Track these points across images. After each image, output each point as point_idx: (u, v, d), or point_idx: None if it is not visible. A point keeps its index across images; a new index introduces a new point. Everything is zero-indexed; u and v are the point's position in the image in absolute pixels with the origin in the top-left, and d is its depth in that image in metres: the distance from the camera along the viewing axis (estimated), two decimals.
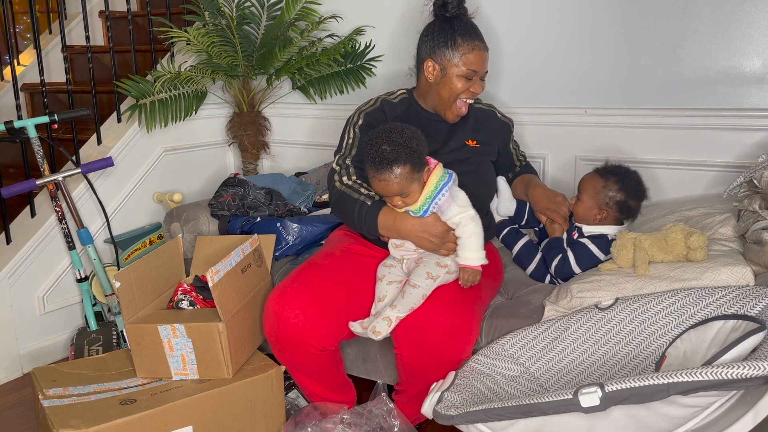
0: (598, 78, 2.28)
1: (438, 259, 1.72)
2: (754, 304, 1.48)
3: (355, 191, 1.77)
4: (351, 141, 1.87)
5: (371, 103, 1.93)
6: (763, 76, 2.04)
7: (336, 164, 1.85)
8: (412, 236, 1.70)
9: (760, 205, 1.73)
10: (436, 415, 1.43)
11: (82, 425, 1.52)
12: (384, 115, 1.89)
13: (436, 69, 1.84)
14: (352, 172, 1.82)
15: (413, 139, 1.65)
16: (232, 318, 1.75)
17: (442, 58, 1.82)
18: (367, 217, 1.73)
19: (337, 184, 1.81)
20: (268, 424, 1.84)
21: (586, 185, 1.86)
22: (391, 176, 1.62)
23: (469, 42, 1.80)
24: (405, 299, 1.66)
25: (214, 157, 3.04)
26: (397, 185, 1.64)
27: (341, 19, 2.72)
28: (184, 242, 2.30)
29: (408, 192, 1.66)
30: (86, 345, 2.28)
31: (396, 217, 1.71)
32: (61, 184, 2.25)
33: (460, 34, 1.81)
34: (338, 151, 1.89)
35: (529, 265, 1.93)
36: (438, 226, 1.69)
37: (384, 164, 1.62)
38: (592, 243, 1.81)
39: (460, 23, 1.83)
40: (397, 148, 1.62)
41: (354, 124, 1.89)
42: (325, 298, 1.72)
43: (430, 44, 1.84)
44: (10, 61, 2.60)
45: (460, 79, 1.82)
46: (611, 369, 1.60)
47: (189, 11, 2.69)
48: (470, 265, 1.69)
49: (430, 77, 1.85)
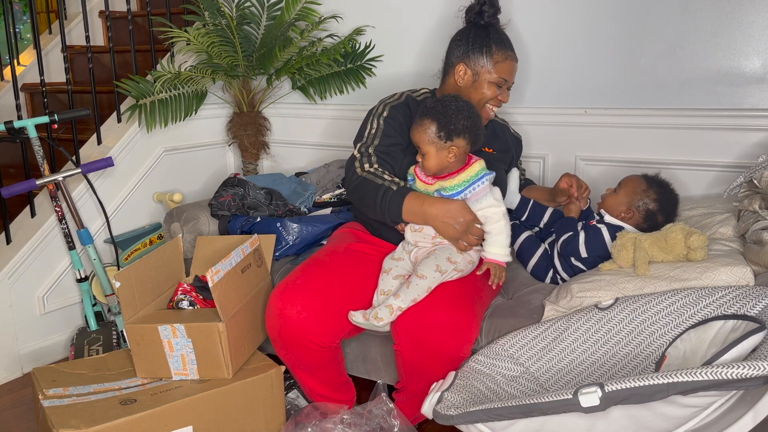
0: (598, 78, 2.28)
1: (450, 254, 1.72)
2: (754, 304, 1.48)
3: (378, 177, 1.78)
4: (374, 131, 1.88)
5: (396, 97, 1.95)
6: (763, 76, 2.04)
7: (357, 152, 1.86)
8: (437, 221, 1.70)
9: (760, 205, 1.73)
10: (436, 415, 1.43)
11: (82, 425, 1.52)
12: (409, 110, 1.91)
13: (468, 74, 1.88)
14: (374, 160, 1.82)
15: (461, 114, 1.71)
16: (232, 318, 1.75)
17: (475, 63, 1.87)
18: (391, 201, 1.73)
19: (358, 170, 1.81)
20: (268, 424, 1.85)
21: (628, 183, 1.87)
22: (419, 124, 1.72)
23: (503, 51, 1.87)
24: (410, 289, 1.66)
25: (214, 157, 3.04)
26: (417, 135, 1.72)
27: (341, 19, 2.72)
28: (184, 242, 2.30)
29: (425, 152, 1.71)
30: (86, 345, 2.28)
31: (424, 201, 1.71)
32: (61, 184, 2.25)
33: (496, 43, 1.87)
34: (359, 140, 1.89)
35: (531, 260, 1.94)
36: (465, 214, 1.69)
37: (423, 112, 1.72)
38: (607, 230, 1.82)
39: (495, 32, 1.89)
40: (441, 109, 1.71)
41: (378, 114, 1.91)
42: (328, 295, 1.72)
43: (463, 49, 1.89)
44: (10, 61, 2.60)
45: (491, 86, 1.87)
46: (611, 369, 1.60)
47: (189, 11, 2.69)
48: (496, 260, 1.72)
49: (461, 81, 1.90)
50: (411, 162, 1.84)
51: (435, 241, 1.75)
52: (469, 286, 1.73)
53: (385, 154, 1.84)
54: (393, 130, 1.87)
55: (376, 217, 1.80)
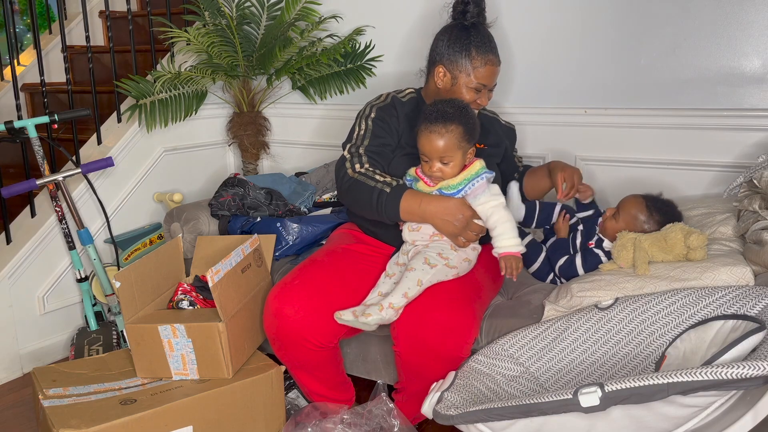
0: (598, 78, 2.28)
1: (441, 249, 1.71)
2: (754, 304, 1.48)
3: (369, 178, 1.75)
4: (363, 132, 1.86)
5: (382, 99, 1.93)
6: (763, 76, 2.04)
7: (347, 152, 1.84)
8: (436, 219, 1.69)
9: (760, 205, 1.73)
10: (435, 415, 1.43)
11: (82, 425, 1.52)
12: (395, 111, 1.89)
13: (447, 76, 1.84)
14: (365, 160, 1.80)
15: (472, 114, 1.71)
16: (232, 318, 1.75)
17: (453, 67, 1.82)
18: (387, 202, 1.70)
19: (349, 171, 1.79)
20: (268, 424, 1.85)
21: (629, 209, 1.80)
22: (444, 131, 1.65)
23: (483, 56, 1.81)
24: (400, 283, 1.66)
25: (214, 157, 3.04)
26: (444, 145, 1.65)
27: (341, 19, 2.72)
28: (184, 242, 2.30)
29: (450, 159, 1.67)
30: (86, 345, 2.28)
31: (422, 200, 1.69)
32: (61, 184, 2.25)
33: (476, 46, 1.80)
34: (348, 142, 1.87)
35: (533, 264, 1.93)
36: (464, 210, 1.68)
37: (441, 119, 1.66)
38: (605, 256, 1.80)
39: (477, 34, 1.82)
40: (457, 112, 1.67)
41: (366, 116, 1.89)
42: (326, 296, 1.72)
43: (443, 49, 1.84)
44: (10, 61, 2.60)
45: (469, 90, 1.83)
46: (611, 369, 1.60)
47: (189, 11, 2.69)
48: (510, 252, 1.67)
49: (440, 83, 1.86)
50: (400, 162, 1.82)
51: (433, 239, 1.74)
52: (468, 285, 1.73)
53: (376, 153, 1.82)
54: (382, 130, 1.85)
55: (373, 217, 1.79)
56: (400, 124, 1.87)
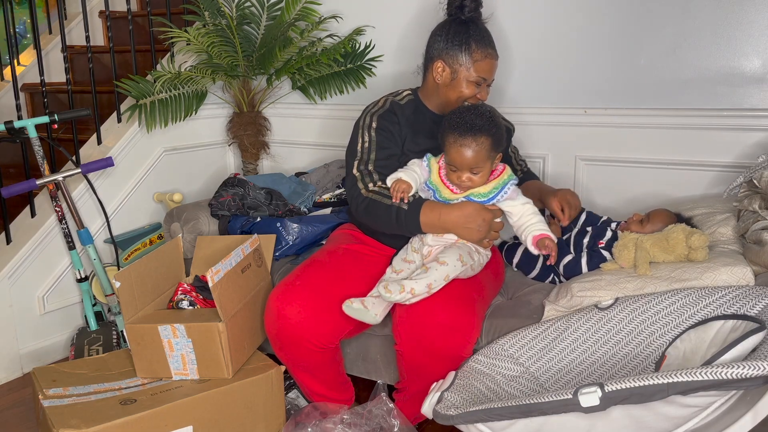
0: (598, 78, 2.28)
1: (471, 249, 1.72)
2: (754, 304, 1.48)
3: (385, 197, 1.74)
4: (367, 145, 1.83)
5: (380, 104, 1.89)
6: (763, 76, 2.04)
7: (356, 171, 1.81)
8: (458, 228, 1.69)
9: (760, 205, 1.73)
10: (435, 415, 1.43)
11: (82, 425, 1.52)
12: (396, 117, 1.86)
13: (446, 71, 1.83)
14: (377, 178, 1.78)
15: (499, 122, 1.71)
16: (232, 318, 1.75)
17: (453, 61, 1.81)
18: (407, 219, 1.70)
19: (363, 191, 1.77)
20: (268, 424, 1.85)
21: (661, 219, 1.80)
22: (474, 144, 1.65)
23: (482, 49, 1.80)
24: (428, 273, 1.62)
25: (214, 157, 3.04)
26: (474, 156, 1.65)
27: (341, 19, 2.72)
28: (184, 242, 2.30)
29: (480, 169, 1.68)
30: (86, 345, 2.28)
31: (441, 212, 1.69)
32: (61, 184, 2.25)
33: (475, 40, 1.80)
34: (354, 156, 1.84)
35: (531, 272, 1.94)
36: (484, 214, 1.69)
37: (470, 131, 1.65)
38: (611, 255, 1.80)
39: (475, 28, 1.82)
40: (487, 123, 1.67)
41: (367, 126, 1.85)
42: (327, 296, 1.72)
43: (442, 45, 1.83)
44: (10, 61, 2.60)
45: (469, 84, 1.82)
46: (611, 369, 1.60)
47: (189, 11, 2.69)
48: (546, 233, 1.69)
49: (439, 78, 1.84)
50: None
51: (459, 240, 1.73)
52: (470, 285, 1.73)
53: (384, 168, 1.80)
54: (386, 140, 1.83)
55: (393, 232, 1.78)
56: (402, 129, 1.86)
